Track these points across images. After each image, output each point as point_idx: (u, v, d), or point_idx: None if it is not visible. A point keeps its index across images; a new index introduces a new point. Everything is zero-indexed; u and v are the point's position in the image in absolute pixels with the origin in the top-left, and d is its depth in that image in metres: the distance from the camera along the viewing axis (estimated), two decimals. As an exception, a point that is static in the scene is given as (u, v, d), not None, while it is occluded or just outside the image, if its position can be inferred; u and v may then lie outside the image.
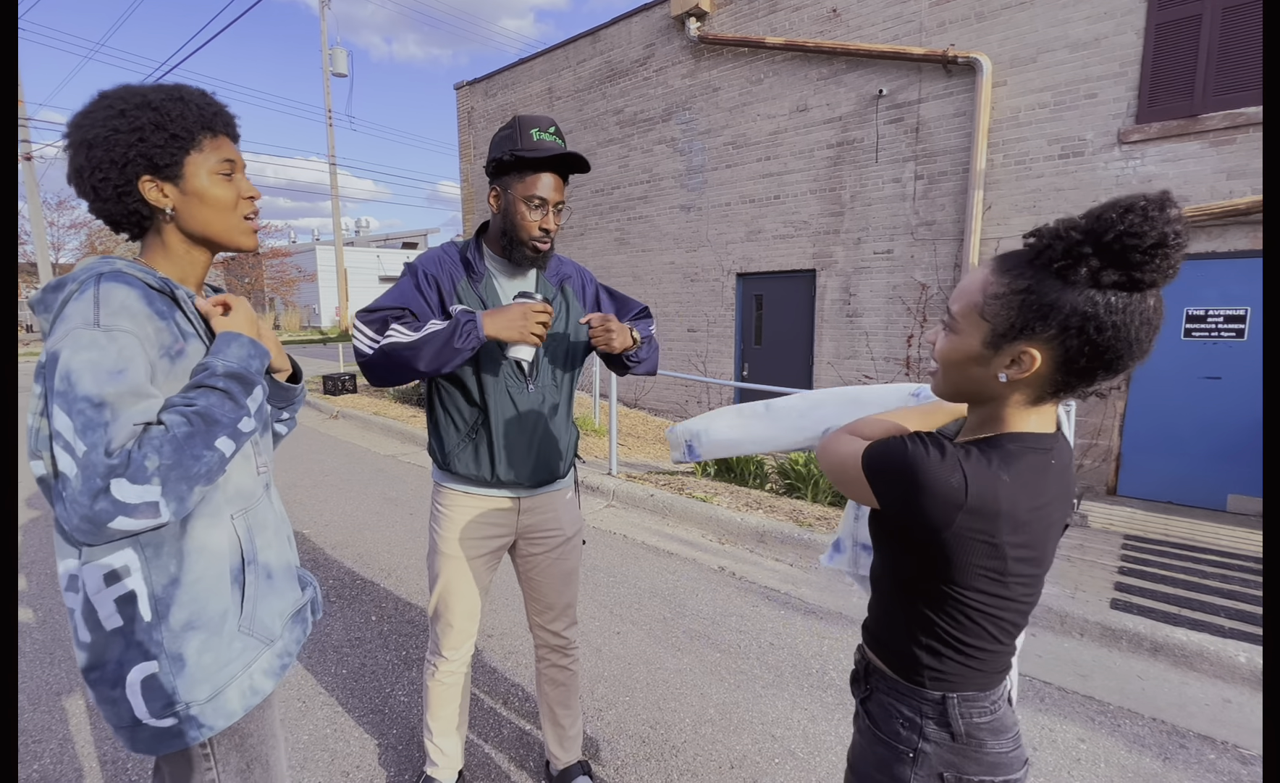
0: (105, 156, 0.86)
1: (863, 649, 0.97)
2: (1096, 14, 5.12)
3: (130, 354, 0.81)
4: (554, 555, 1.68)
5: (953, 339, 0.80)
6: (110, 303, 0.81)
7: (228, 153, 0.95)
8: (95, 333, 0.79)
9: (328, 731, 2.14)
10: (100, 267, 0.86)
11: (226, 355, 0.89)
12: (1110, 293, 0.69)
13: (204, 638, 0.90)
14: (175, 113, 0.89)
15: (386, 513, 4.42)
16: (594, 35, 8.88)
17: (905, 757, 0.84)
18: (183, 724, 0.89)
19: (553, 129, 1.45)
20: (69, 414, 0.75)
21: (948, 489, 0.73)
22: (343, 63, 20.82)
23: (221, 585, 0.92)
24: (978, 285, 0.77)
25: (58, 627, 2.78)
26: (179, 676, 0.88)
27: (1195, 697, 2.40)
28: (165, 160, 0.88)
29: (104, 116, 0.86)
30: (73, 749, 2.04)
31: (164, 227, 0.92)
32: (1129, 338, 0.70)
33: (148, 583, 0.86)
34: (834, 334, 6.98)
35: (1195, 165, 4.87)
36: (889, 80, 6.25)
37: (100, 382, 0.77)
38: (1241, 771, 2.03)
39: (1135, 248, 0.66)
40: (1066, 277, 0.70)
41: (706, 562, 3.64)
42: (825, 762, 2.02)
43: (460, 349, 1.35)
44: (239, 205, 0.96)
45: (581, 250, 9.38)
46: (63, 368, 0.77)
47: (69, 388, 0.76)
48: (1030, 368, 0.74)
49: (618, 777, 1.95)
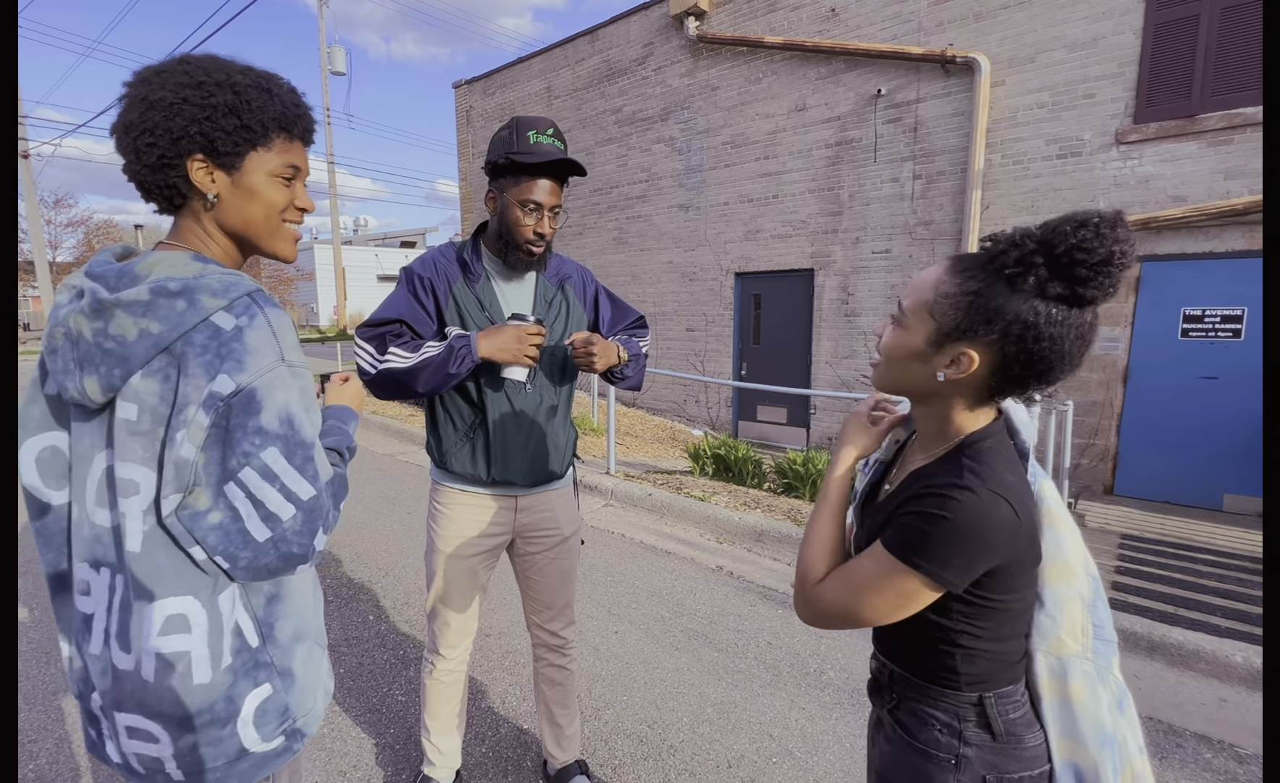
0: (162, 122, 0.77)
1: (879, 657, 0.94)
2: (1095, 14, 5.13)
3: (311, 392, 0.82)
4: (551, 555, 1.68)
5: (900, 334, 0.82)
6: (286, 335, 0.79)
7: (296, 159, 0.88)
8: (291, 371, 0.78)
9: (325, 730, 2.14)
10: (238, 283, 0.78)
11: (353, 428, 1.02)
12: (1053, 305, 0.71)
13: (308, 647, 0.90)
14: (257, 103, 0.81)
15: (384, 512, 4.41)
16: (592, 34, 8.87)
17: (947, 765, 0.81)
18: (289, 740, 0.88)
19: (551, 131, 1.45)
20: (290, 460, 0.76)
21: (1005, 521, 0.73)
22: (341, 61, 20.78)
23: (313, 595, 0.93)
24: (930, 282, 0.79)
25: (53, 626, 2.78)
26: (290, 691, 0.87)
27: (1192, 696, 2.41)
28: (227, 147, 0.80)
29: (178, 82, 0.78)
30: (69, 749, 2.04)
31: (202, 213, 0.84)
32: (1062, 351, 0.72)
33: (248, 608, 0.84)
34: (832, 334, 6.98)
35: (1193, 166, 4.88)
36: (887, 80, 6.26)
37: (310, 425, 0.80)
38: (1238, 770, 2.04)
39: (1084, 262, 0.68)
40: (1015, 284, 0.72)
41: (704, 561, 3.64)
42: (823, 761, 2.02)
43: (455, 374, 1.40)
44: (289, 212, 0.89)
45: (580, 249, 9.37)
46: (280, 410, 0.76)
47: (292, 433, 0.77)
48: (968, 369, 0.75)
49: (615, 776, 1.95)
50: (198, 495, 0.75)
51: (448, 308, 1.50)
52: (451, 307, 1.50)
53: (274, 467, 0.75)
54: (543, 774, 1.92)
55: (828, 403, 7.10)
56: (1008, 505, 0.73)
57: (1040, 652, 0.82)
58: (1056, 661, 0.81)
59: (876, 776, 0.92)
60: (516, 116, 1.47)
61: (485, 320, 1.50)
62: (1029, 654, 0.83)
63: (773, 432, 7.68)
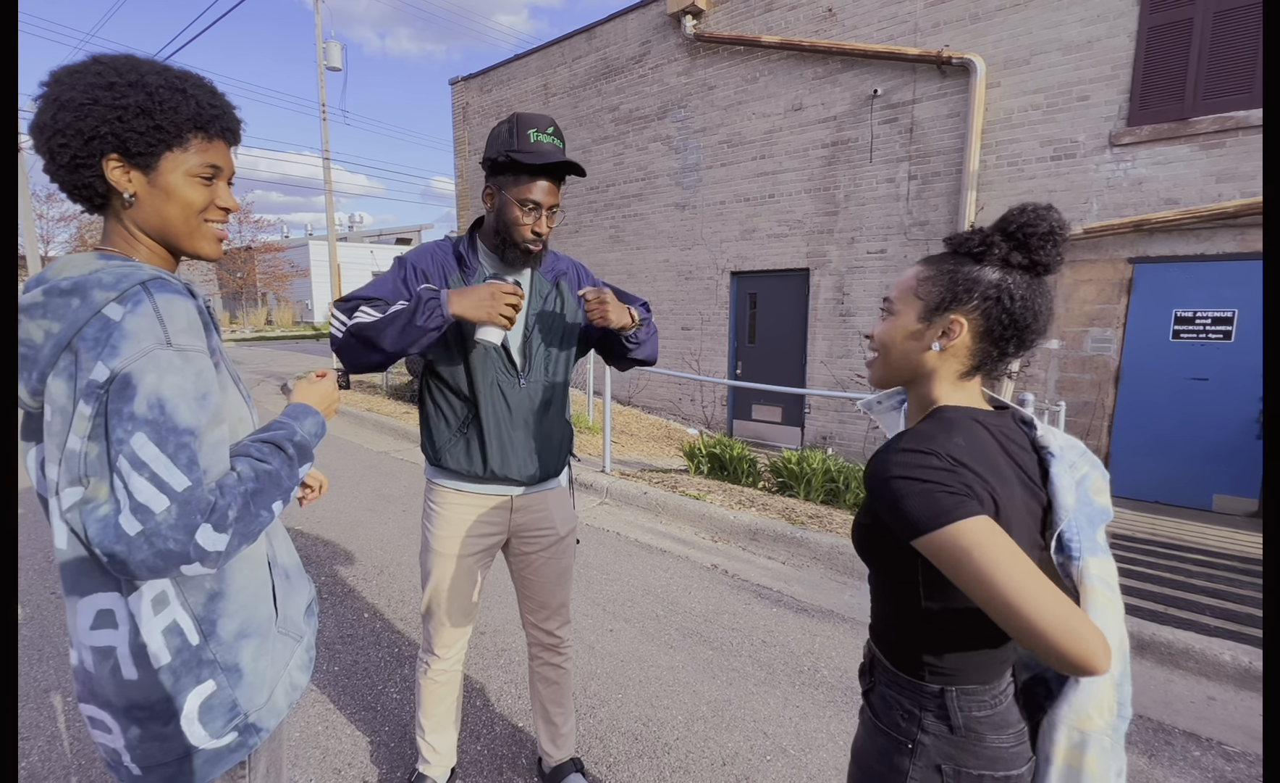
0: (74, 122, 0.77)
1: (870, 643, 0.99)
2: (1090, 16, 5.16)
3: (209, 377, 0.79)
4: (547, 555, 1.68)
5: (892, 320, 0.91)
6: (175, 319, 0.77)
7: (216, 159, 0.87)
8: (172, 354, 0.75)
9: (319, 728, 2.13)
10: (132, 272, 0.78)
11: (304, 425, 0.93)
12: (1016, 272, 0.83)
13: (257, 643, 0.89)
14: (169, 103, 0.81)
15: (379, 510, 4.40)
16: (590, 32, 8.85)
17: (904, 748, 0.86)
18: (243, 735, 0.88)
19: (551, 129, 1.44)
20: (161, 447, 0.72)
21: (929, 462, 0.77)
22: (336, 56, 20.65)
23: (264, 590, 0.92)
24: (911, 275, 0.90)
25: (45, 623, 2.76)
26: (238, 687, 0.86)
27: (1181, 694, 2.43)
28: (140, 147, 0.81)
29: (89, 82, 0.78)
30: (61, 746, 2.03)
31: (123, 213, 0.84)
32: (1034, 310, 0.83)
33: (185, 607, 0.83)
34: (827, 333, 7.00)
35: (1185, 168, 4.91)
36: (884, 80, 6.27)
37: (194, 411, 0.75)
38: (1225, 767, 2.06)
39: (1033, 233, 0.81)
40: (982, 259, 0.85)
41: (699, 559, 3.65)
42: (817, 759, 2.04)
43: (425, 327, 1.30)
44: (209, 210, 0.88)
45: (576, 247, 9.36)
46: (150, 393, 0.73)
47: (163, 417, 0.73)
48: (959, 335, 0.85)
49: (610, 774, 1.96)
50: (95, 488, 0.74)
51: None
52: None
53: (141, 454, 0.72)
54: (538, 772, 1.92)
55: (822, 402, 7.12)
56: (931, 455, 0.76)
57: (1065, 724, 0.82)
58: (1079, 734, 0.81)
59: (852, 754, 0.99)
60: (516, 113, 1.45)
61: None
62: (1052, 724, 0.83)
63: (768, 431, 7.70)
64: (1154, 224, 4.95)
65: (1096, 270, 5.35)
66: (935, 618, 0.83)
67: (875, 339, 0.93)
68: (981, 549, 0.70)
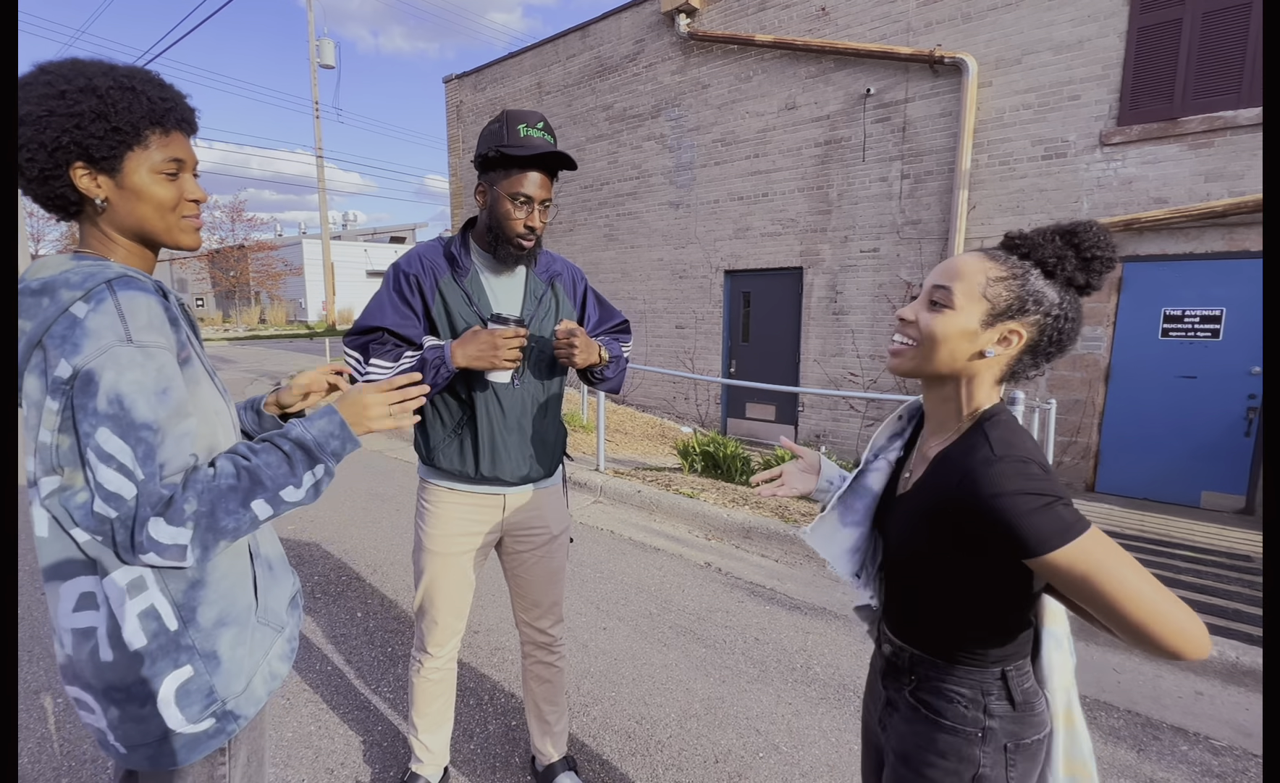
0: (35, 137, 0.78)
1: (897, 641, 0.96)
2: (1080, 16, 5.19)
3: (170, 372, 0.80)
4: (540, 554, 1.68)
5: (949, 315, 0.85)
6: (136, 315, 0.78)
7: (177, 152, 0.88)
8: (133, 351, 0.76)
9: (312, 728, 2.13)
10: (100, 271, 0.80)
11: (310, 424, 0.93)
12: (1073, 291, 0.84)
13: (236, 632, 0.91)
14: (122, 104, 0.81)
15: (373, 509, 4.39)
16: (584, 30, 8.84)
17: (974, 738, 0.87)
18: (221, 722, 0.89)
19: (541, 124, 1.44)
20: (124, 439, 0.75)
21: (1043, 465, 0.78)
22: (330, 54, 20.55)
23: (245, 580, 0.94)
24: (977, 268, 0.85)
25: (36, 623, 2.74)
26: (215, 674, 0.88)
27: (1169, 690, 2.46)
28: (102, 152, 0.81)
29: (41, 94, 0.78)
30: (52, 748, 2.01)
31: (98, 217, 0.86)
32: (1077, 328, 0.85)
33: (165, 593, 0.85)
34: (820, 332, 7.03)
35: (1174, 168, 4.96)
36: (876, 80, 6.30)
37: (153, 406, 0.77)
38: (1212, 761, 2.08)
39: (1099, 258, 0.81)
40: (1053, 274, 0.83)
41: (693, 557, 3.66)
42: (809, 755, 2.05)
43: (434, 384, 1.41)
44: (180, 205, 0.89)
45: (570, 246, 9.35)
46: (110, 390, 0.75)
47: (122, 412, 0.75)
48: (1015, 346, 0.84)
49: (603, 772, 1.96)
50: (70, 476, 0.79)
51: (434, 304, 1.49)
52: (438, 302, 1.49)
53: (107, 446, 0.75)
54: (531, 770, 1.92)
55: (815, 400, 7.15)
56: (1031, 462, 0.78)
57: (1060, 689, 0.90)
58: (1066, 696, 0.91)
59: (897, 756, 0.94)
60: (506, 110, 1.46)
61: (473, 315, 1.49)
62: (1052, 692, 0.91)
63: (761, 429, 7.72)
64: (1144, 223, 4.99)
65: (1087, 269, 5.40)
66: (1010, 616, 0.86)
67: (920, 328, 0.87)
68: (1107, 561, 0.71)
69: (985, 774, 0.85)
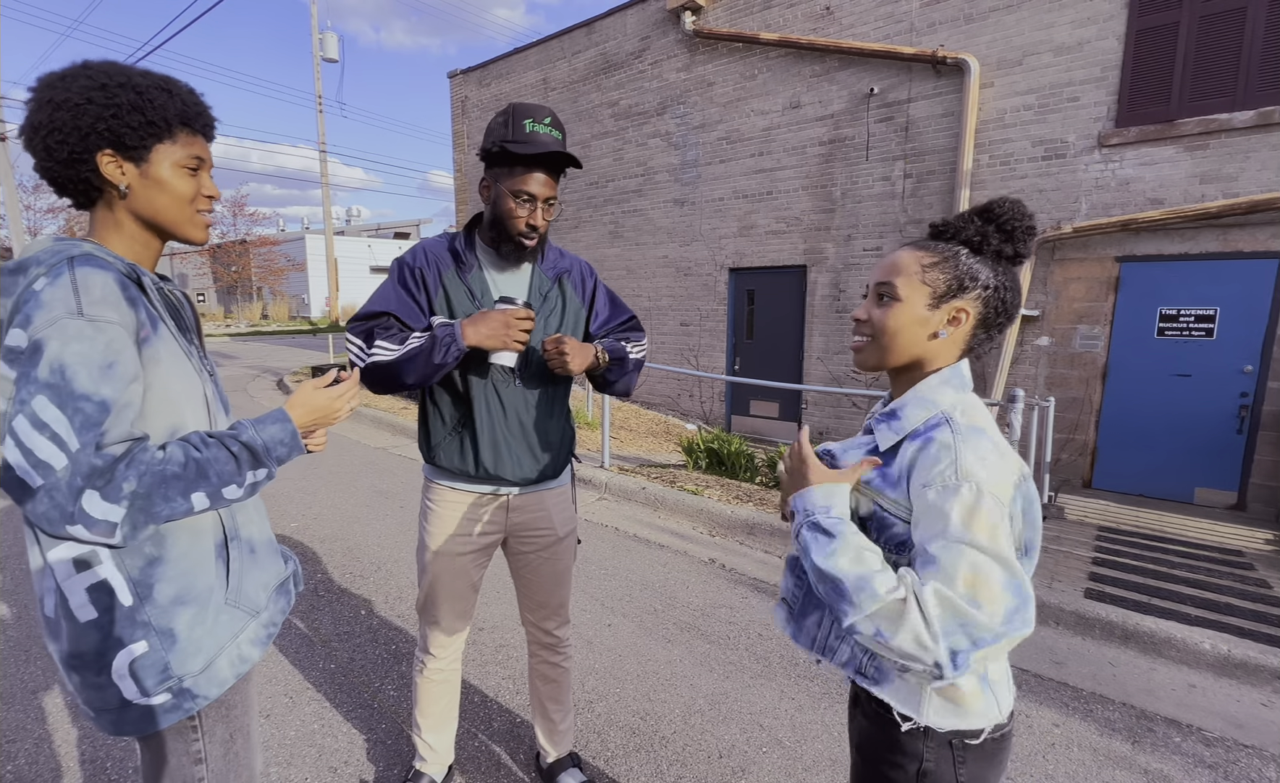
0: (70, 120, 0.84)
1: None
2: (1080, 19, 5.21)
3: (119, 347, 0.81)
4: (545, 555, 1.66)
5: (898, 307, 0.91)
6: (90, 290, 0.80)
7: (199, 151, 0.95)
8: (81, 323, 0.78)
9: (315, 726, 2.13)
10: (68, 249, 0.83)
11: (264, 429, 0.94)
12: (1004, 262, 0.91)
13: (194, 612, 0.92)
14: (159, 101, 0.89)
15: (377, 506, 4.42)
16: (589, 27, 8.83)
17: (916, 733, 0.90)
18: (177, 698, 0.91)
19: (549, 119, 1.41)
20: (61, 409, 0.76)
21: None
22: (333, 47, 20.49)
23: (206, 561, 0.94)
24: (911, 259, 0.92)
25: (33, 624, 2.71)
26: (171, 651, 0.89)
27: (1163, 682, 2.50)
28: (134, 141, 0.88)
29: (83, 86, 0.85)
30: (49, 748, 1.99)
31: (116, 203, 0.91)
32: (1019, 296, 0.92)
33: (121, 570, 0.86)
34: (824, 329, 7.06)
35: (1170, 169, 4.98)
36: (880, 79, 6.31)
37: (95, 378, 0.78)
38: (1205, 752, 2.13)
39: (1018, 227, 0.88)
40: (980, 250, 0.90)
41: (697, 554, 3.69)
42: (811, 750, 2.08)
43: (442, 363, 1.37)
44: (196, 200, 0.96)
45: (575, 243, 9.37)
46: (53, 359, 0.77)
47: (62, 382, 0.76)
48: (964, 323, 0.90)
49: (608, 768, 1.98)
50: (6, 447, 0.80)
51: (438, 298, 1.47)
52: (441, 296, 1.47)
53: (43, 415, 0.76)
54: (535, 767, 1.93)
55: (819, 398, 7.18)
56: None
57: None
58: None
59: (855, 749, 1.01)
60: (513, 103, 1.43)
61: (475, 310, 1.46)
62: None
63: (765, 426, 7.76)
64: (1140, 224, 5.02)
65: (1085, 269, 5.43)
66: None
67: (873, 324, 0.93)
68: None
69: (930, 770, 0.88)
